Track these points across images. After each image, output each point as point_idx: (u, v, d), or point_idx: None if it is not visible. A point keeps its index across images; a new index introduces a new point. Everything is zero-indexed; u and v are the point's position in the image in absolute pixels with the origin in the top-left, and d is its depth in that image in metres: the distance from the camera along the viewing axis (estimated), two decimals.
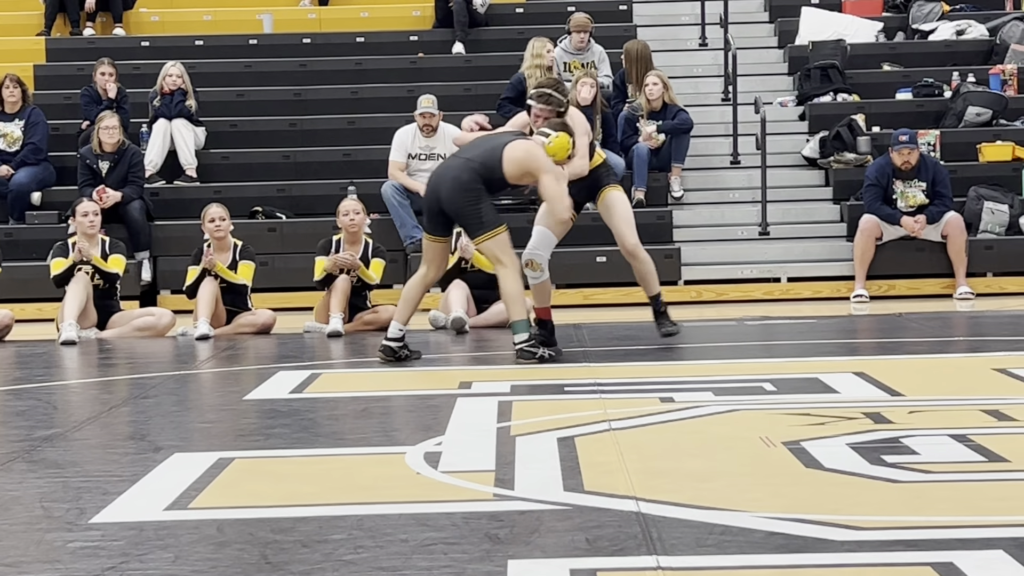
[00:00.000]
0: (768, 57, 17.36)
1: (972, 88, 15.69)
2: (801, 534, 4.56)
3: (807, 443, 6.07)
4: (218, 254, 11.80)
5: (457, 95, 15.89)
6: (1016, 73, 16.03)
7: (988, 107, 15.44)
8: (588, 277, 14.02)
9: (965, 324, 11.83)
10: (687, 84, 16.49)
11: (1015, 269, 13.92)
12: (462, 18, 17.25)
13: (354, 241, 11.88)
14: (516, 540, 4.58)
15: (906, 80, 16.23)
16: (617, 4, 18.05)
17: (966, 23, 17.15)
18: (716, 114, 16.04)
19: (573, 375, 8.74)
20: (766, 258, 14.32)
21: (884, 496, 5.14)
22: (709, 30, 17.45)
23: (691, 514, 4.87)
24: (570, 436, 6.43)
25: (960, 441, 6.04)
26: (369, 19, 18.14)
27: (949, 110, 15.54)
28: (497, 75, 16.11)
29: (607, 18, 17.36)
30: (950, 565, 4.10)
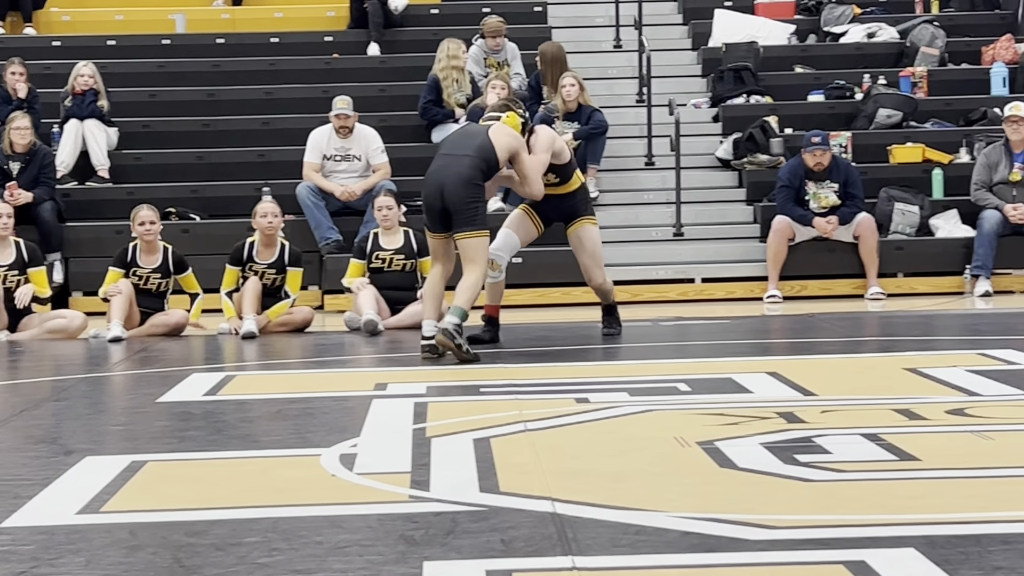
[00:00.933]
0: (682, 59, 17.44)
1: (883, 90, 15.84)
2: (715, 533, 4.57)
3: (721, 443, 6.10)
4: (147, 256, 11.74)
5: (372, 96, 15.85)
6: (926, 75, 16.20)
7: (898, 109, 15.59)
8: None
9: (876, 324, 11.93)
10: (602, 86, 16.54)
11: (925, 269, 14.06)
12: (377, 19, 17.21)
13: (270, 244, 11.82)
14: (432, 542, 4.57)
15: (818, 82, 16.35)
16: (532, 6, 18.07)
17: (877, 26, 17.31)
18: (630, 116, 16.09)
19: (489, 376, 8.74)
20: (680, 259, 14.38)
21: (797, 495, 5.17)
22: (623, 32, 17.51)
23: (606, 514, 4.88)
24: (486, 437, 6.43)
25: (872, 440, 6.09)
26: (283, 19, 18.06)
27: (860, 112, 15.68)
28: (412, 76, 16.09)
29: (522, 19, 17.38)
30: (862, 563, 4.13)
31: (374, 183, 14.04)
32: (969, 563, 4.13)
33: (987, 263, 13.64)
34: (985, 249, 13.64)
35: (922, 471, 5.53)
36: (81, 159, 15.01)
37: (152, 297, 11.81)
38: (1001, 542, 4.36)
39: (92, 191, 14.93)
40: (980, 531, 4.50)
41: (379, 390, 8.13)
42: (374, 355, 10.52)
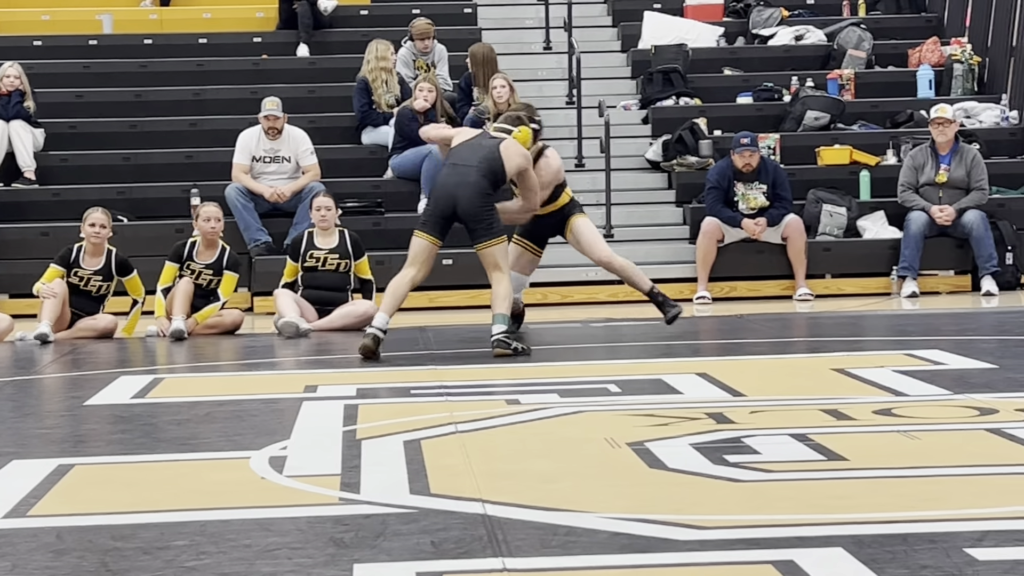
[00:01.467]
0: (611, 61, 17.49)
1: (811, 92, 15.94)
2: (645, 534, 4.59)
3: (651, 444, 6.12)
4: (91, 258, 11.67)
5: (301, 97, 15.80)
6: (853, 78, 16.32)
7: (826, 111, 15.70)
8: (434, 280, 13.97)
9: (804, 325, 12.01)
10: (532, 87, 16.56)
11: (853, 271, 14.16)
12: (306, 20, 17.16)
13: (211, 245, 11.79)
14: (361, 544, 4.56)
15: (746, 84, 16.44)
16: (462, 7, 18.07)
17: (804, 28, 17.42)
18: (560, 117, 16.11)
19: (419, 378, 8.73)
20: None
21: (726, 495, 5.19)
22: (553, 34, 17.55)
23: (536, 515, 4.88)
24: (416, 439, 6.42)
25: (800, 440, 6.13)
26: (211, 20, 17.96)
27: (788, 114, 15.78)
28: (342, 77, 16.04)
29: (452, 21, 17.37)
30: (791, 563, 4.15)
31: (303, 185, 13.99)
32: (896, 562, 4.17)
33: (913, 264, 13.75)
34: (911, 250, 13.76)
35: (850, 471, 5.57)
36: (7, 160, 14.87)
37: (90, 300, 11.72)
38: (927, 541, 4.40)
39: (18, 192, 14.80)
40: (907, 530, 4.54)
41: (309, 392, 8.11)
42: (304, 357, 10.48)
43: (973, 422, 6.55)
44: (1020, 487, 5.21)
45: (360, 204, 14.37)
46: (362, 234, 12.74)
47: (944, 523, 4.62)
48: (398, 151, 14.69)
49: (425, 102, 14.43)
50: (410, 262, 9.96)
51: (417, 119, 14.49)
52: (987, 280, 13.57)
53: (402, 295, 9.97)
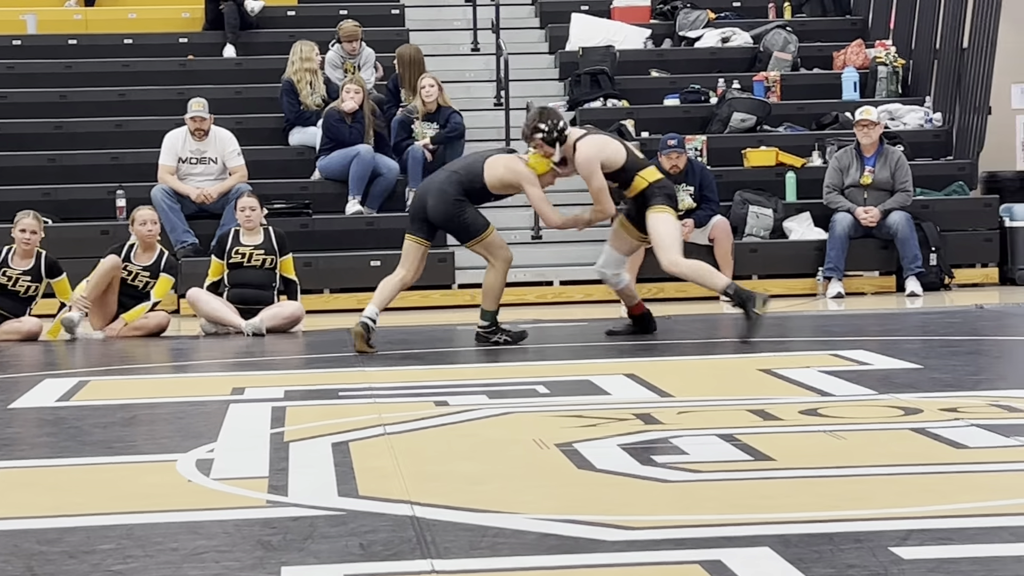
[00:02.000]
0: (539, 63, 17.52)
1: (737, 94, 16.03)
2: (573, 535, 4.60)
3: (579, 444, 6.13)
4: (21, 259, 11.59)
5: (228, 98, 15.73)
6: (779, 80, 16.42)
7: (752, 113, 15.78)
8: (362, 281, 13.98)
9: (731, 326, 12.05)
10: (459, 89, 16.56)
11: (779, 271, 14.24)
12: (233, 21, 17.07)
13: (149, 248, 11.73)
14: (289, 547, 4.54)
15: (673, 86, 16.50)
16: (389, 8, 18.04)
17: (731, 31, 17.51)
18: (489, 119, 16.12)
19: (348, 380, 8.70)
20: (539, 262, 14.44)
21: (654, 496, 5.21)
22: (481, 35, 17.55)
23: (465, 517, 4.88)
24: (344, 441, 6.41)
25: (727, 441, 6.16)
26: (137, 20, 17.84)
27: (715, 116, 15.85)
28: (269, 78, 15.98)
29: (379, 22, 17.34)
30: (718, 563, 4.17)
31: (230, 186, 13.93)
32: (822, 561, 4.19)
33: (839, 265, 13.85)
34: (837, 251, 13.85)
35: (776, 471, 5.60)
36: None
37: (17, 301, 11.63)
38: (853, 540, 4.43)
39: None
40: (833, 529, 4.57)
41: (236, 394, 8.07)
42: (231, 359, 10.43)
43: (898, 422, 6.60)
44: (944, 486, 5.26)
45: (287, 205, 14.32)
46: (290, 236, 12.70)
47: (869, 522, 4.66)
48: (325, 152, 14.65)
49: (353, 103, 14.41)
50: (401, 263, 10.32)
51: (344, 120, 14.46)
52: (911, 281, 13.69)
53: (389, 293, 10.29)
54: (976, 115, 15.46)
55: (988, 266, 14.57)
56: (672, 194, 10.50)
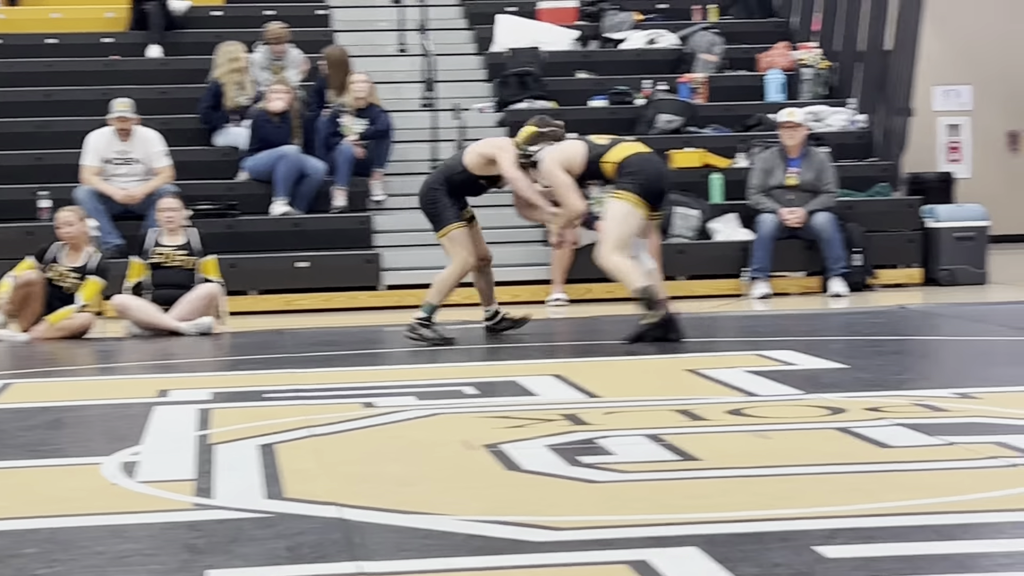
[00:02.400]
0: (466, 64, 17.49)
1: (663, 96, 16.08)
2: (501, 536, 4.60)
3: (506, 445, 6.13)
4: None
5: (153, 98, 15.61)
6: (705, 81, 16.48)
7: (678, 115, 15.84)
8: (289, 283, 13.93)
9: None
10: (387, 90, 16.49)
11: (705, 272, 14.29)
12: (158, 21, 16.96)
13: (76, 249, 11.64)
14: (215, 550, 4.52)
15: (600, 88, 16.53)
16: (314, 9, 17.97)
17: (657, 32, 17.56)
18: (416, 120, 16.08)
19: (274, 381, 8.67)
20: None
21: (581, 496, 5.22)
22: (408, 36, 17.51)
23: (393, 519, 4.88)
24: (271, 443, 6.38)
25: (654, 441, 6.18)
26: (61, 20, 17.68)
27: (641, 117, 15.90)
28: (194, 78, 15.89)
29: (305, 23, 17.26)
30: (645, 563, 4.18)
31: (155, 186, 13.82)
32: (749, 560, 4.21)
33: (764, 266, 13.93)
34: (762, 252, 13.93)
35: (703, 471, 5.62)
36: None
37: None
38: (779, 539, 4.45)
39: None
40: (759, 529, 4.59)
41: (161, 397, 8.02)
42: (157, 361, 10.36)
43: (823, 421, 6.65)
44: (868, 485, 5.30)
45: (213, 206, 14.24)
46: (216, 236, 12.64)
47: (795, 521, 4.69)
48: (252, 153, 14.58)
49: (280, 103, 14.36)
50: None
51: (271, 120, 14.41)
52: (836, 281, 13.78)
53: (483, 287, 10.95)
54: (899, 117, 15.58)
55: (911, 266, 14.69)
56: (640, 173, 10.03)
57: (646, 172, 10.05)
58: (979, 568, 4.16)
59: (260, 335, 11.51)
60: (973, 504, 4.89)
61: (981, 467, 5.51)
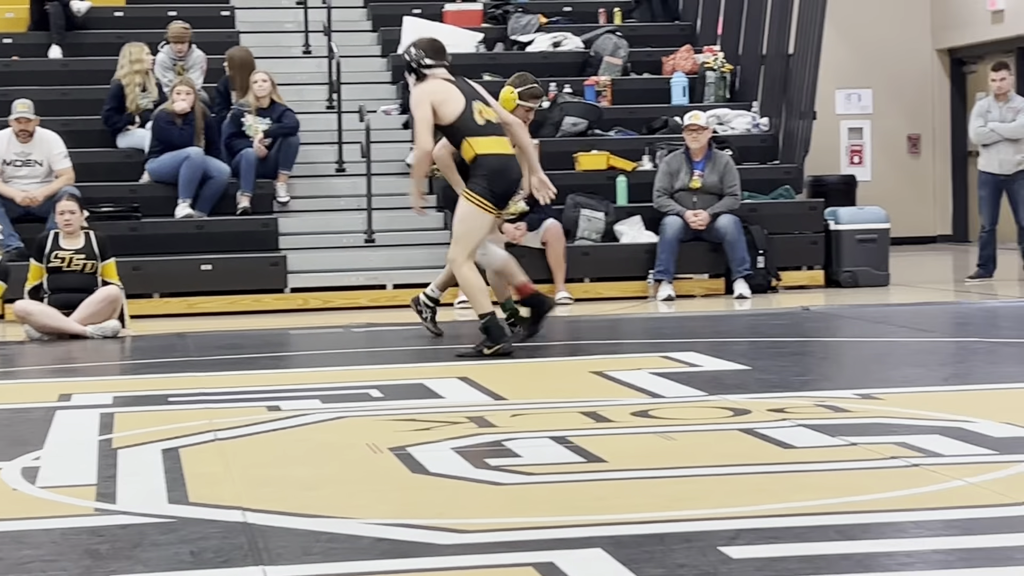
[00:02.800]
0: (371, 66, 17.45)
1: (568, 99, 16.12)
2: (407, 539, 4.59)
3: (413, 448, 6.12)
4: None
5: (54, 100, 15.45)
6: (610, 84, 16.54)
7: (584, 117, 15.89)
8: (192, 285, 13.83)
9: (564, 328, 12.12)
10: (291, 91, 16.41)
11: (611, 274, 14.34)
12: (59, 21, 16.77)
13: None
14: (118, 555, 4.48)
15: None
16: (219, 10, 17.85)
17: (562, 35, 17.61)
18: (321, 122, 16.02)
19: (178, 385, 8.60)
20: (372, 265, 14.39)
21: (488, 499, 5.22)
22: (313, 38, 17.43)
23: (298, 522, 4.86)
24: (175, 447, 6.33)
25: (560, 443, 6.19)
26: None
27: (547, 120, 15.92)
28: (97, 80, 15.72)
29: (208, 24, 17.15)
30: (551, 564, 4.19)
31: (56, 188, 13.66)
32: (653, 561, 4.23)
33: (669, 268, 14.00)
34: (667, 254, 14.00)
35: (608, 472, 5.64)
36: None
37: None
38: (684, 540, 4.48)
39: None
40: (664, 530, 4.62)
41: (63, 401, 7.93)
42: (59, 365, 10.25)
43: (727, 422, 6.69)
44: (772, 486, 5.34)
45: (116, 209, 14.11)
46: (118, 239, 12.52)
47: (700, 522, 4.71)
48: (155, 155, 14.46)
49: (183, 104, 14.25)
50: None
51: (174, 122, 14.30)
52: (740, 283, 13.87)
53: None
54: (802, 120, 15.71)
55: (814, 268, 14.81)
56: (494, 176, 9.57)
57: (496, 178, 9.59)
58: (880, 567, 4.20)
59: (163, 338, 11.42)
60: (875, 504, 4.94)
61: (882, 467, 5.57)
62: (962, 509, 4.81)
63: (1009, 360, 8.65)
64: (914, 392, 7.48)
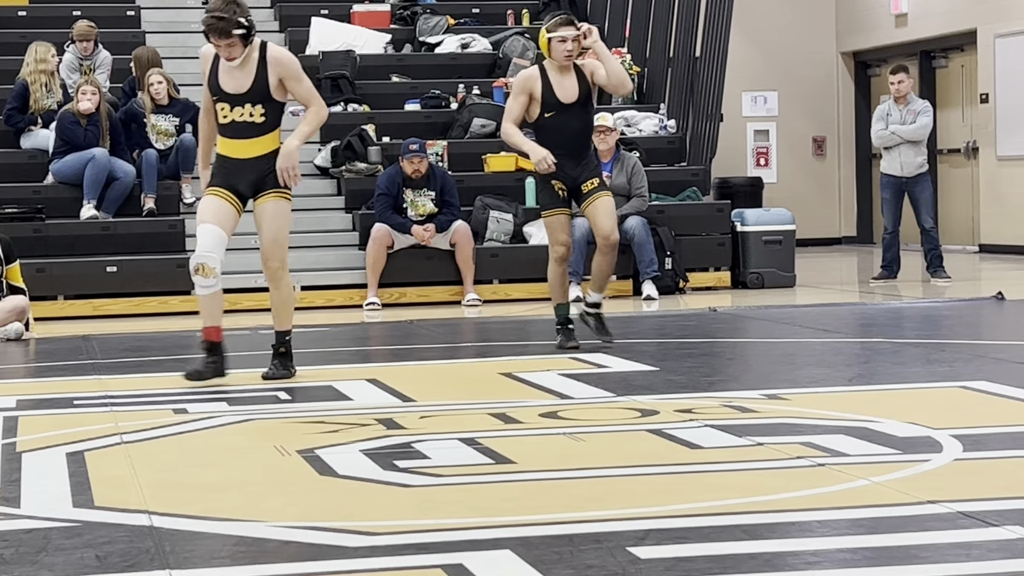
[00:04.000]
0: None
1: (477, 100, 16.13)
2: (316, 542, 4.58)
3: (321, 451, 6.10)
4: None
5: None
6: None
7: (492, 119, 15.89)
8: (98, 287, 13.70)
9: (473, 330, 12.14)
10: (199, 92, 16.32)
11: (519, 276, 14.36)
12: None
13: None
14: (22, 560, 4.43)
15: (414, 91, 16.54)
16: (125, 10, 17.71)
17: (470, 37, 17.62)
18: None
19: (83, 388, 8.52)
20: None
21: (396, 501, 5.22)
22: None
23: (206, 526, 4.83)
24: (80, 451, 6.28)
25: (469, 444, 6.20)
26: None
27: (456, 121, 15.93)
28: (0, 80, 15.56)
29: (114, 24, 17.01)
30: (459, 566, 4.19)
31: None
32: (562, 562, 4.25)
33: (577, 269, 14.02)
34: (576, 256, 14.02)
35: (518, 473, 5.65)
36: None
37: None
38: (593, 541, 4.49)
39: None
40: (573, 531, 4.63)
41: None
42: None
43: (635, 423, 6.72)
44: (680, 486, 5.37)
45: (20, 210, 13.96)
46: (22, 241, 12.39)
47: (609, 523, 4.73)
48: (59, 156, 14.31)
49: (88, 104, 14.11)
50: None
51: (79, 122, 14.16)
52: (648, 284, 13.93)
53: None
54: (708, 122, 15.81)
55: (721, 270, 14.92)
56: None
57: None
58: (787, 567, 4.24)
59: (68, 341, 11.30)
60: (781, 504, 4.98)
61: (789, 467, 5.62)
62: (867, 508, 4.86)
63: (913, 360, 8.75)
64: (820, 392, 7.55)
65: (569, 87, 9.25)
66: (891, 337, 10.03)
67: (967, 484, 5.21)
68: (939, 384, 7.80)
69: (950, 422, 6.40)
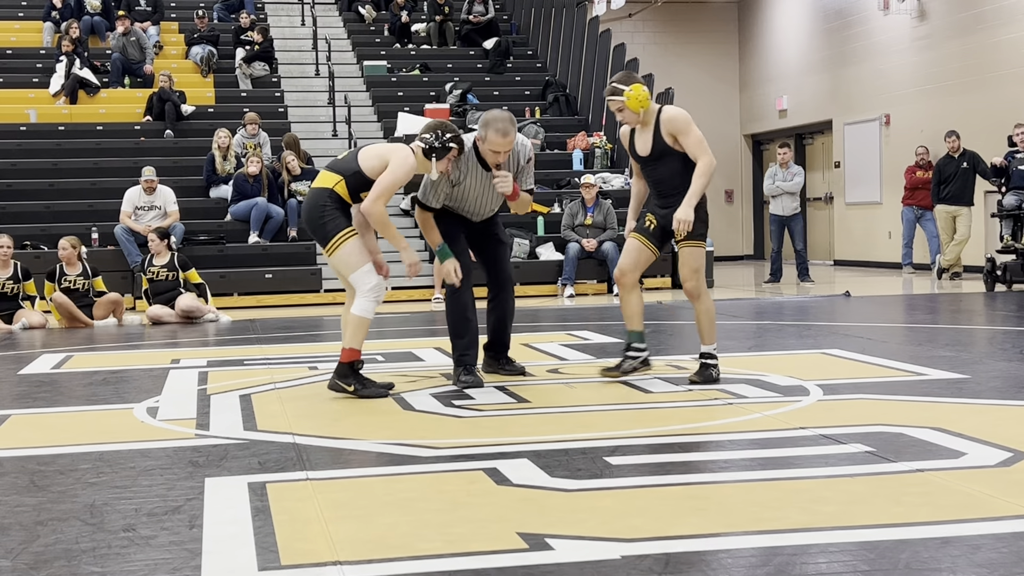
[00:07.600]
0: None
1: None
2: (400, 453, 4.54)
3: (405, 393, 6.05)
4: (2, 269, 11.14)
5: (169, 166, 15.34)
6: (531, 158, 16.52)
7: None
8: (260, 288, 13.71)
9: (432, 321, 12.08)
10: (324, 161, 16.34)
11: (533, 280, 14.30)
12: (171, 114, 16.66)
13: (4, 266, 11.20)
14: (211, 464, 4.45)
15: None
16: (276, 107, 17.72)
17: None
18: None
19: (250, 353, 8.51)
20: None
21: (453, 426, 5.17)
22: (340, 112, 17.31)
23: (329, 443, 4.84)
24: (248, 394, 6.29)
25: (501, 390, 6.14)
26: (106, 113, 17.23)
27: None
28: (197, 152, 15.61)
29: (270, 116, 17.03)
30: (494, 469, 4.17)
31: (170, 224, 13.52)
32: (561, 467, 4.22)
33: (571, 276, 14.02)
34: (570, 267, 14.02)
35: (532, 409, 5.61)
36: None
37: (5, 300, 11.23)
38: (580, 453, 4.46)
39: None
40: (568, 446, 4.60)
41: (174, 363, 7.86)
42: (168, 340, 10.14)
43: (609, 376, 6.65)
44: (641, 417, 5.31)
45: (209, 238, 14.02)
46: (210, 258, 12.43)
47: (592, 441, 4.69)
48: (235, 202, 14.36)
49: (255, 168, 14.15)
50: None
51: (248, 180, 14.20)
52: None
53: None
54: None
55: (664, 276, 14.87)
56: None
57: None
58: (708, 470, 4.21)
59: (240, 323, 11.28)
60: (704, 429, 4.96)
61: (709, 405, 5.59)
62: (760, 432, 4.84)
63: (790, 336, 8.71)
64: (729, 356, 7.52)
65: (644, 142, 6.37)
66: (775, 320, 9.99)
67: (826, 416, 5.19)
68: (807, 351, 7.76)
69: (815, 375, 6.37)
